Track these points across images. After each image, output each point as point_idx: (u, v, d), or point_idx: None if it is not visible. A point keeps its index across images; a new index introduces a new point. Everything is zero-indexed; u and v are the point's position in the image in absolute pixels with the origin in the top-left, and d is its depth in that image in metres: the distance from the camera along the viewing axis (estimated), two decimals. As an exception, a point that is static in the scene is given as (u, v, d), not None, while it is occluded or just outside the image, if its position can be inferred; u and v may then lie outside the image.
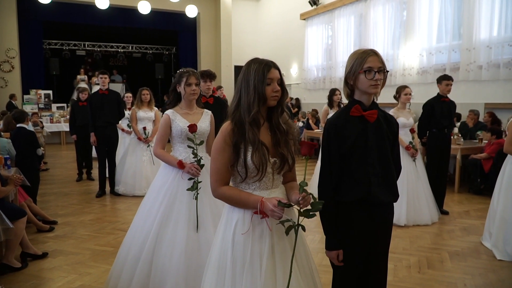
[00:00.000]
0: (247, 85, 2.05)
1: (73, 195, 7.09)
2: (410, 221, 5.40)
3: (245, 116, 2.04)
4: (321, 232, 2.36)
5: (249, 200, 2.00)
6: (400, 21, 11.43)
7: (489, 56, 8.84)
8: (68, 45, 17.63)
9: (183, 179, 3.15)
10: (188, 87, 3.26)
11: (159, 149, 3.31)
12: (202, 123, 3.35)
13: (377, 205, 2.25)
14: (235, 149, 2.03)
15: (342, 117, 2.28)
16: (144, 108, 7.14)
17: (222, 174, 2.06)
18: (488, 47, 8.88)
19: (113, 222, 5.50)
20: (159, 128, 3.34)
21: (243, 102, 2.06)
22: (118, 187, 7.03)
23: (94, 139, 6.81)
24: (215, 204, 3.18)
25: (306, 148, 1.92)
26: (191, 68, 3.37)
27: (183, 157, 3.26)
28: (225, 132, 2.04)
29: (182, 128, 3.25)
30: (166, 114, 3.32)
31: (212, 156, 2.09)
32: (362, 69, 2.19)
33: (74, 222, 5.52)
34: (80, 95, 8.29)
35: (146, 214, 3.23)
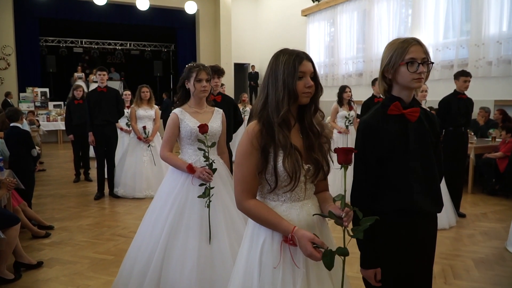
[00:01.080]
0: (275, 80, 1.75)
1: (70, 197, 6.77)
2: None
3: (273, 116, 1.74)
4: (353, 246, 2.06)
5: (278, 226, 1.70)
6: (405, 17, 11.17)
7: (499, 52, 8.59)
8: (65, 42, 17.27)
9: (193, 185, 2.85)
10: (198, 83, 2.96)
11: (167, 151, 3.00)
12: (213, 122, 3.05)
13: (420, 216, 1.96)
14: (263, 154, 1.73)
15: (378, 116, 1.98)
16: (144, 106, 6.83)
17: (249, 183, 1.76)
18: (498, 42, 8.62)
19: (112, 227, 5.19)
20: (166, 128, 3.03)
21: (271, 99, 1.76)
22: (118, 189, 6.71)
23: (92, 139, 6.50)
24: (229, 212, 2.89)
25: (342, 155, 1.61)
26: (201, 63, 3.06)
27: (192, 160, 2.96)
28: (251, 133, 1.74)
29: (191, 128, 2.95)
30: (174, 113, 3.01)
31: (236, 161, 1.78)
32: (404, 60, 1.90)
33: (72, 227, 5.21)
34: (74, 93, 7.95)
35: (153, 223, 2.92)
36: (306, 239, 1.61)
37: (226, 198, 2.93)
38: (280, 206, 1.78)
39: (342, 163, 1.61)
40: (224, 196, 2.93)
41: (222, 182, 2.97)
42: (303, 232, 1.64)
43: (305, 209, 1.79)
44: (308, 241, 1.61)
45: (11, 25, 14.27)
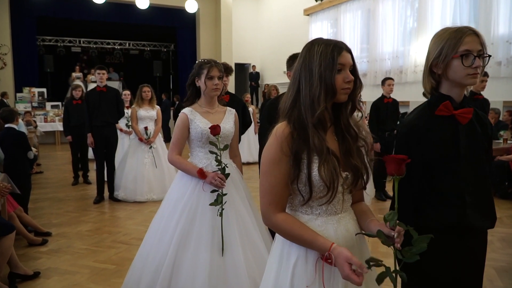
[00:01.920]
0: (309, 74, 1.51)
1: (68, 201, 6.52)
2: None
3: (307, 116, 1.50)
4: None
5: (314, 244, 1.45)
6: (411, 16, 10.96)
7: (508, 52, 8.41)
8: (63, 42, 17.01)
9: (204, 191, 2.61)
10: (210, 81, 2.72)
11: (175, 155, 2.76)
12: (225, 123, 2.81)
13: (471, 232, 1.71)
14: (295, 160, 1.48)
15: (425, 117, 1.74)
16: (145, 106, 6.58)
17: (278, 194, 1.51)
18: (507, 42, 8.44)
19: (113, 233, 4.94)
20: (174, 129, 2.79)
21: (304, 96, 1.51)
22: (118, 192, 6.46)
23: (91, 140, 6.24)
24: (243, 221, 2.65)
25: (393, 165, 1.37)
26: (213, 59, 2.82)
27: (203, 164, 2.72)
28: (281, 137, 1.50)
29: (202, 129, 2.71)
30: (183, 113, 2.77)
31: (263, 169, 1.54)
32: (458, 52, 1.66)
33: (70, 233, 4.95)
34: (73, 93, 7.69)
35: (161, 233, 2.68)
36: (343, 259, 1.37)
37: (240, 206, 2.70)
38: (314, 220, 1.53)
39: (393, 174, 1.37)
40: (237, 203, 2.69)
41: (235, 188, 2.73)
42: (340, 250, 1.40)
43: (343, 224, 1.55)
44: (345, 261, 1.37)
45: (8, 24, 14.00)
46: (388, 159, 1.37)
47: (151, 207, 6.08)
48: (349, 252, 1.39)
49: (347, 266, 1.36)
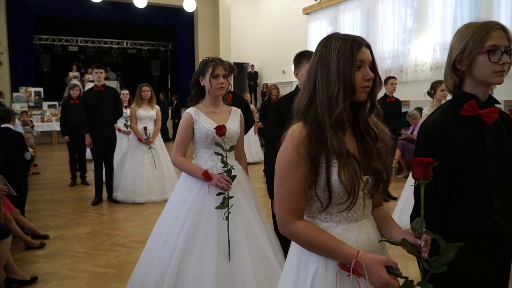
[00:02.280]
0: (326, 72, 1.41)
1: (66, 202, 6.40)
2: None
3: (324, 117, 1.40)
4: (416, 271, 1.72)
5: (337, 252, 1.35)
6: (411, 15, 10.88)
7: (510, 51, 8.32)
8: (60, 41, 16.87)
9: (209, 194, 2.51)
10: (215, 80, 2.62)
11: (179, 156, 2.66)
12: (231, 123, 2.71)
13: (499, 239, 1.61)
14: (313, 164, 1.38)
15: (448, 118, 1.64)
16: (145, 106, 6.47)
17: (295, 200, 1.40)
18: (509, 41, 8.35)
19: (112, 236, 4.83)
20: (178, 130, 2.69)
21: (321, 96, 1.41)
22: (117, 193, 6.35)
23: (89, 141, 6.12)
24: (250, 225, 2.55)
25: (419, 169, 1.27)
26: (217, 57, 2.72)
27: (208, 166, 2.62)
28: (297, 139, 1.39)
29: (207, 130, 2.60)
30: (187, 113, 2.67)
31: (278, 175, 1.43)
32: (484, 47, 1.56)
33: (68, 236, 4.84)
34: (71, 92, 7.55)
35: (165, 237, 2.57)
36: (379, 263, 1.28)
37: (246, 209, 2.60)
38: (333, 228, 1.43)
39: (419, 179, 1.27)
40: (244, 206, 2.59)
41: (241, 190, 2.63)
42: (373, 256, 1.30)
43: (364, 231, 1.45)
44: (381, 265, 1.27)
45: (4, 23, 13.87)
46: (414, 162, 1.27)
47: (150, 208, 5.97)
48: (384, 256, 1.30)
49: (384, 271, 1.26)
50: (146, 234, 4.82)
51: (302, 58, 2.80)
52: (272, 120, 2.85)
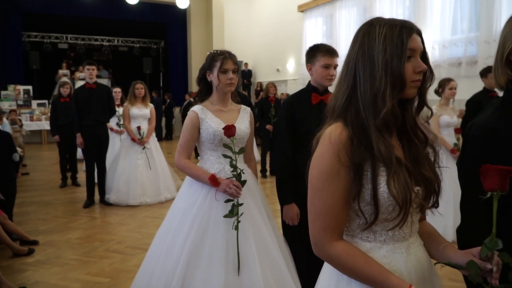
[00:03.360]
0: (370, 63, 1.19)
1: (56, 204, 6.12)
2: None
3: (367, 116, 1.18)
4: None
5: (385, 285, 1.12)
6: (409, 12, 10.70)
7: (511, 49, 8.17)
8: (49, 38, 16.50)
9: (217, 200, 2.28)
10: (223, 75, 2.39)
11: (183, 158, 2.42)
12: (240, 123, 2.48)
13: None
14: (356, 173, 1.15)
15: (502, 118, 1.42)
16: (138, 104, 6.21)
17: (335, 216, 1.18)
18: (511, 39, 8.20)
19: (105, 241, 4.57)
20: (183, 130, 2.45)
21: (363, 92, 1.19)
22: (109, 195, 6.08)
23: (81, 141, 5.86)
24: (261, 235, 2.33)
25: (497, 178, 1.06)
26: (226, 50, 2.49)
27: (215, 169, 2.39)
28: (337, 143, 1.16)
29: (215, 130, 2.37)
30: (193, 111, 2.44)
31: (314, 186, 1.20)
32: None
33: (59, 241, 4.57)
34: (61, 90, 7.26)
35: (168, 249, 2.33)
36: None
37: (257, 217, 2.37)
38: (378, 249, 1.21)
39: (494, 190, 1.05)
40: (254, 214, 2.37)
41: (251, 196, 2.40)
42: None
43: (413, 252, 1.23)
44: None
45: (-8, 19, 13.52)
46: (489, 170, 1.05)
47: (145, 211, 5.72)
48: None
49: None
50: (141, 239, 4.59)
51: (317, 51, 2.58)
52: (282, 121, 2.62)
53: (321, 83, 2.61)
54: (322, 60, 2.55)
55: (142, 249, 4.29)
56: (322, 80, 2.58)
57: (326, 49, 2.56)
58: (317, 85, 2.65)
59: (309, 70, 2.66)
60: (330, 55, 2.55)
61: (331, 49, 2.58)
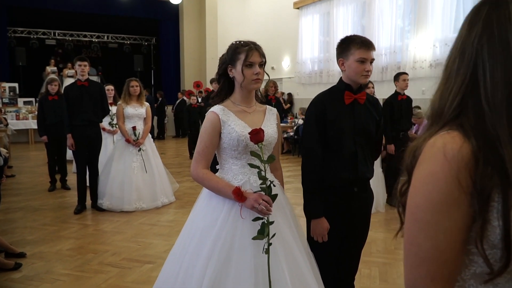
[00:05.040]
0: (502, 49, 0.85)
1: (45, 210, 5.69)
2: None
3: (498, 124, 0.83)
4: None
5: None
6: (410, 9, 10.43)
7: (517, 47, 7.94)
8: (36, 34, 15.95)
9: (242, 218, 1.91)
10: (249, 69, 2.02)
11: (201, 168, 2.04)
12: (267, 126, 2.11)
13: None
14: (483, 204, 0.81)
15: None
16: (133, 103, 5.82)
17: (449, 261, 0.84)
18: (516, 36, 7.96)
19: (99, 253, 4.17)
20: (201, 134, 2.07)
21: (491, 89, 0.85)
22: (102, 200, 5.68)
23: (71, 142, 5.45)
24: (294, 258, 1.98)
25: None
26: (251, 40, 2.12)
27: (239, 181, 2.02)
28: (456, 160, 0.82)
29: (239, 134, 2.01)
30: (213, 112, 2.06)
31: (418, 218, 0.85)
32: None
33: (48, 253, 4.17)
34: (49, 88, 6.82)
35: (184, 276, 1.95)
36: None
37: (288, 237, 2.00)
38: None
39: None
40: (286, 234, 2.00)
41: (282, 213, 2.04)
42: None
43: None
44: None
45: (-24, 14, 12.98)
46: None
47: (140, 217, 5.33)
48: None
49: None
50: (138, 250, 4.21)
51: (351, 44, 2.24)
52: (311, 122, 2.28)
53: (355, 80, 2.27)
54: (357, 53, 2.22)
55: (140, 262, 3.93)
56: (356, 76, 2.25)
57: (362, 41, 2.23)
58: (350, 82, 2.31)
59: (340, 65, 2.33)
60: (366, 48, 2.22)
61: (367, 41, 2.24)
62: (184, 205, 5.94)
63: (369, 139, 2.38)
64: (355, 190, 2.32)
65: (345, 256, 2.40)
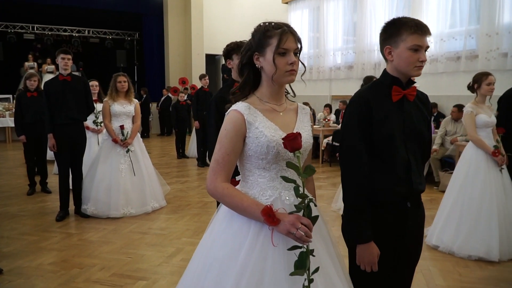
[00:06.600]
0: None
1: (24, 217, 5.21)
2: (504, 254, 3.96)
3: None
4: None
5: None
6: (404, 4, 10.15)
7: (515, 43, 7.78)
8: (14, 28, 15.24)
9: (274, 246, 1.52)
10: (282, 58, 1.62)
11: (221, 181, 1.62)
12: (302, 129, 1.71)
13: None
14: None
15: None
16: (121, 100, 5.38)
17: None
18: (513, 32, 7.80)
19: (86, 267, 3.74)
20: (220, 140, 1.64)
21: None
22: (87, 206, 5.22)
23: (53, 142, 4.99)
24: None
25: None
26: (284, 22, 1.71)
27: (268, 198, 1.62)
28: None
29: (269, 140, 1.60)
30: (236, 111, 1.64)
31: None
32: None
33: (28, 268, 3.71)
34: (27, 83, 6.32)
35: None
36: None
37: (329, 269, 1.60)
38: None
39: None
40: (327, 265, 1.61)
41: (319, 236, 1.65)
42: None
43: None
44: None
45: (-51, 6, 12.29)
46: None
47: (129, 224, 4.91)
48: None
49: None
50: (129, 264, 3.80)
51: (402, 28, 1.87)
52: (353, 124, 1.89)
53: (406, 72, 1.89)
54: (410, 39, 1.84)
55: (133, 278, 3.52)
56: (408, 68, 1.87)
57: (416, 25, 1.85)
58: (398, 75, 1.93)
59: (387, 54, 1.94)
60: (421, 32, 1.85)
61: (422, 25, 1.87)
62: (176, 210, 5.53)
63: (421, 143, 2.00)
64: (408, 205, 1.95)
65: (395, 286, 2.02)
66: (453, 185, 4.33)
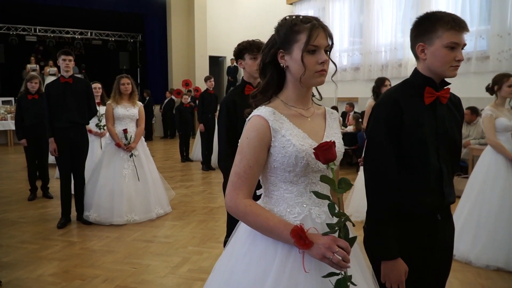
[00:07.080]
0: None
1: (24, 224, 5.03)
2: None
3: None
4: None
5: None
6: (412, 3, 9.98)
7: (526, 44, 7.62)
8: (16, 30, 15.11)
9: (306, 272, 1.32)
10: (312, 57, 1.43)
11: (243, 198, 1.41)
12: (333, 137, 1.51)
13: None
14: None
15: None
16: (124, 103, 5.20)
17: None
18: (526, 32, 7.64)
19: (88, 279, 3.55)
20: (241, 150, 1.44)
21: None
22: (89, 212, 5.03)
23: (54, 147, 4.81)
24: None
25: None
26: (314, 16, 1.50)
27: (296, 216, 1.42)
28: None
29: (298, 150, 1.39)
30: (259, 117, 1.43)
31: None
32: None
33: (27, 280, 3.52)
34: (28, 85, 6.15)
35: None
36: None
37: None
38: None
39: None
40: None
41: (356, 261, 1.46)
42: None
43: None
44: None
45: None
46: None
47: (133, 232, 4.72)
48: None
49: None
50: (134, 275, 3.60)
51: (438, 23, 1.69)
52: (380, 128, 1.71)
53: (441, 72, 1.71)
54: (447, 36, 1.66)
55: (138, 291, 3.32)
56: (443, 67, 1.69)
57: (453, 20, 1.67)
58: (432, 75, 1.75)
59: (419, 52, 1.76)
60: (459, 28, 1.66)
61: (459, 20, 1.68)
62: (181, 216, 5.33)
63: (453, 150, 1.82)
64: (438, 218, 1.77)
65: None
66: (470, 191, 4.14)
